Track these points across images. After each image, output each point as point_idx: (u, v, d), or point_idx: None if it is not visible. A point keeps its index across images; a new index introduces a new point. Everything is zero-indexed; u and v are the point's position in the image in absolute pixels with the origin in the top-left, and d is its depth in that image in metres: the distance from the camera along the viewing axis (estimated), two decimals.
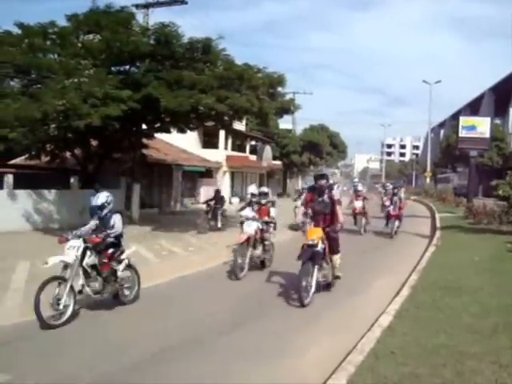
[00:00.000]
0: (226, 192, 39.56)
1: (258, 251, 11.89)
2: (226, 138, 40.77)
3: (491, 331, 6.72)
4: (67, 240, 8.15)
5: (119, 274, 8.58)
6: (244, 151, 46.25)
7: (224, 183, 40.21)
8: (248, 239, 11.39)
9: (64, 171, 22.01)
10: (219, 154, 39.25)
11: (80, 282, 7.95)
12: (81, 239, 8.18)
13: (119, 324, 7.81)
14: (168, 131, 22.49)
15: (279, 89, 21.70)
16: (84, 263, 8.01)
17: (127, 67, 19.56)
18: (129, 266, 8.98)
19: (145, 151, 23.25)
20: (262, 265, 12.11)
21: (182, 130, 22.37)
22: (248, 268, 11.39)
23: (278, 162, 54.68)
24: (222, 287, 10.50)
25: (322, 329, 7.55)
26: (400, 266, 12.58)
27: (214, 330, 7.35)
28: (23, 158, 23.53)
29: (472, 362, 5.64)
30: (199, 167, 34.50)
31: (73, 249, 7.95)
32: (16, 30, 18.26)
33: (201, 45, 18.63)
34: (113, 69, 19.00)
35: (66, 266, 7.84)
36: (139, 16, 22.86)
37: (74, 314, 7.80)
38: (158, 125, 21.41)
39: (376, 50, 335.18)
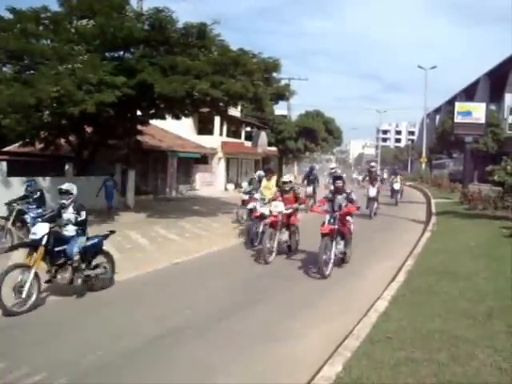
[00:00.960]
0: (221, 178, 39.58)
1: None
2: (221, 124, 40.63)
3: (486, 316, 6.74)
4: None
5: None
6: (239, 137, 46.12)
7: (219, 169, 40.17)
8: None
9: (58, 158, 21.93)
10: (214, 141, 39.13)
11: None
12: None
13: (117, 310, 7.80)
14: (163, 117, 22.41)
15: (274, 74, 21.57)
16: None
17: (121, 53, 19.44)
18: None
19: (139, 138, 23.18)
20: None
21: (176, 116, 22.29)
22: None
23: (274, 148, 54.55)
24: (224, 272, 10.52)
25: (316, 314, 7.57)
26: (396, 252, 12.61)
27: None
28: (17, 144, 23.42)
29: (467, 346, 5.67)
30: (194, 153, 34.41)
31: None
32: (8, 15, 18.13)
33: (195, 30, 18.50)
34: (107, 55, 18.89)
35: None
36: (133, 1, 22.58)
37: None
38: (152, 111, 21.34)
39: (372, 35, 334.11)
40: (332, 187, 17.84)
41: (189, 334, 6.66)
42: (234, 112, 39.19)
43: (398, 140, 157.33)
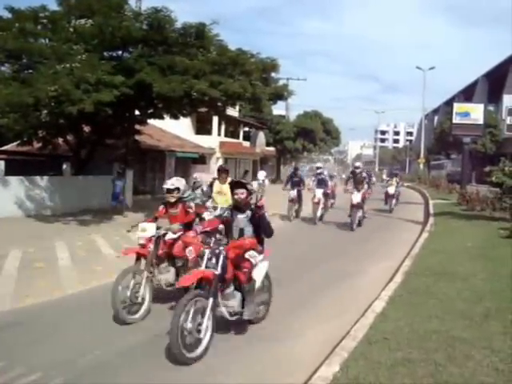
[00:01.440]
0: None
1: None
2: (220, 124, 40.68)
3: (483, 317, 6.75)
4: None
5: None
6: (237, 137, 46.17)
7: (217, 170, 40.15)
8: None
9: (56, 157, 21.92)
10: (212, 140, 39.17)
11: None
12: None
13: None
14: (161, 117, 22.38)
15: (273, 74, 21.57)
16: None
17: (120, 52, 19.39)
18: None
19: (138, 137, 23.14)
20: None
21: (174, 116, 22.26)
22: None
23: (272, 148, 54.64)
24: None
25: (315, 315, 7.57)
26: (393, 252, 12.63)
27: None
28: (15, 144, 23.41)
29: (464, 347, 5.67)
30: (192, 153, 34.41)
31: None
32: (6, 14, 18.05)
33: (194, 30, 18.47)
34: (105, 54, 18.82)
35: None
36: (132, 1, 22.55)
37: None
38: (150, 110, 21.30)
39: (370, 36, 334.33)
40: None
41: None
42: (232, 112, 39.28)
43: (396, 141, 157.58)
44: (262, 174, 27.21)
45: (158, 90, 16.84)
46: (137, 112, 21.37)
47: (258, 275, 6.56)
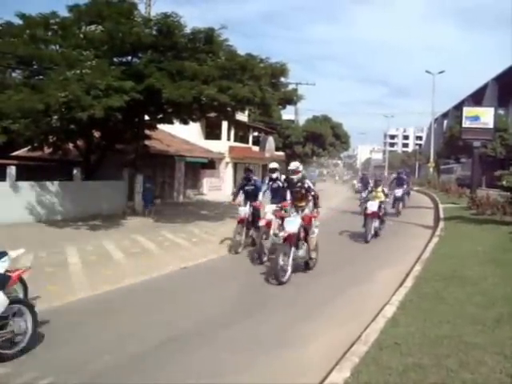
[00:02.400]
0: (228, 183, 39.58)
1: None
2: (229, 129, 40.71)
3: (495, 322, 6.70)
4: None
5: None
6: (247, 142, 46.17)
7: (227, 174, 40.20)
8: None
9: (66, 163, 22.03)
10: (222, 145, 39.20)
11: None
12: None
13: (126, 315, 7.81)
14: (170, 122, 22.46)
15: (282, 79, 21.60)
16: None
17: (129, 58, 19.50)
18: None
19: (147, 142, 23.26)
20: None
21: (184, 121, 22.36)
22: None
23: (281, 153, 54.57)
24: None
25: (325, 320, 7.56)
26: (404, 257, 12.58)
27: None
28: (26, 149, 23.57)
29: (476, 352, 5.62)
30: (202, 158, 34.45)
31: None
32: (17, 21, 18.25)
33: (203, 35, 18.56)
34: (115, 60, 18.95)
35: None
36: (141, 6, 22.74)
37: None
38: (160, 116, 21.40)
39: (379, 40, 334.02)
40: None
41: (196, 338, 6.67)
42: (242, 117, 39.28)
43: (406, 145, 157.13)
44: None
45: (168, 95, 16.92)
46: (146, 117, 21.47)
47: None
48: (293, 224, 10.01)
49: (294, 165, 11.04)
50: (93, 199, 20.67)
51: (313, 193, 10.81)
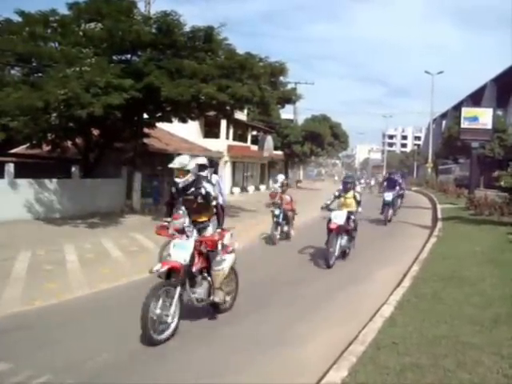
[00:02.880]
0: (227, 182, 39.57)
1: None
2: (228, 128, 40.68)
3: (493, 322, 6.71)
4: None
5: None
6: (245, 141, 46.16)
7: (225, 173, 40.20)
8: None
9: (65, 160, 22.00)
10: (220, 144, 39.16)
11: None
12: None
13: (124, 313, 7.81)
14: (169, 120, 22.47)
15: (281, 78, 21.64)
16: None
17: (129, 56, 19.52)
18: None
19: (146, 141, 23.24)
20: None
21: (183, 120, 22.36)
22: None
23: (280, 152, 54.56)
24: None
25: (323, 319, 7.56)
26: (402, 257, 12.59)
27: None
28: (24, 147, 23.53)
29: (473, 352, 5.64)
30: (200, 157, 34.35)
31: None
32: (17, 18, 18.25)
33: (202, 34, 18.59)
34: (114, 58, 18.95)
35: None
36: (141, 4, 22.74)
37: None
38: (159, 114, 21.42)
39: (378, 40, 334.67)
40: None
41: (194, 335, 6.67)
42: (241, 116, 39.26)
43: (404, 145, 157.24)
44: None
45: (167, 93, 16.94)
46: (145, 115, 21.46)
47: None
48: (182, 250, 6.75)
49: (177, 161, 7.31)
50: (91, 197, 20.64)
51: (214, 202, 7.27)
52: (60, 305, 8.12)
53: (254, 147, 46.86)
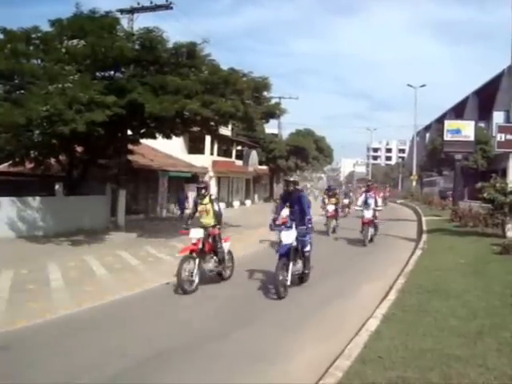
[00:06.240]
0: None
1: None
2: (212, 143, 40.77)
3: (478, 334, 6.71)
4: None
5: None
6: (230, 156, 46.27)
7: (210, 188, 40.12)
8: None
9: (48, 178, 21.85)
10: (205, 160, 39.24)
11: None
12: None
13: (108, 331, 7.71)
14: (153, 137, 22.41)
15: (265, 93, 21.72)
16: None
17: (112, 72, 19.47)
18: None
19: (130, 157, 23.15)
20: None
21: (167, 136, 22.32)
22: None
23: (265, 167, 54.74)
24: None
25: (308, 334, 7.52)
26: (387, 270, 12.60)
27: None
28: (6, 164, 23.34)
29: (459, 365, 5.62)
30: (185, 173, 34.40)
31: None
32: None
33: (185, 49, 18.60)
34: (97, 74, 18.90)
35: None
36: (124, 21, 22.75)
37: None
38: (143, 130, 21.35)
39: (361, 54, 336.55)
40: None
41: (179, 354, 6.60)
42: (225, 131, 39.40)
43: (389, 158, 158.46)
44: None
45: (151, 109, 16.90)
46: (129, 132, 21.40)
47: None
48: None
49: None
50: (75, 214, 20.49)
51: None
52: (43, 325, 7.97)
53: (239, 162, 46.98)
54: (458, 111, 71.12)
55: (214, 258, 10.98)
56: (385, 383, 5.17)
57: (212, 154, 41.18)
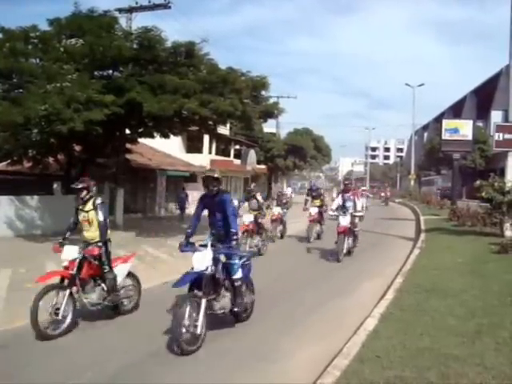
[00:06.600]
0: None
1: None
2: (210, 143, 40.77)
3: (476, 333, 6.72)
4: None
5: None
6: (228, 155, 46.26)
7: None
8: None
9: (47, 177, 21.83)
10: (203, 159, 39.21)
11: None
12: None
13: (107, 330, 7.70)
14: (151, 136, 22.41)
15: (263, 92, 21.74)
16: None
17: (110, 72, 19.47)
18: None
19: (128, 156, 23.15)
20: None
21: (165, 135, 22.30)
22: None
23: (263, 166, 54.69)
24: None
25: (306, 333, 7.53)
26: (385, 269, 12.61)
27: None
28: (5, 163, 23.31)
29: (457, 364, 5.63)
30: (183, 172, 34.38)
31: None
32: None
33: (184, 49, 18.61)
34: (96, 73, 18.91)
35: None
36: (122, 20, 22.73)
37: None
38: (141, 129, 21.34)
39: (360, 54, 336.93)
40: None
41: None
42: (223, 130, 39.34)
43: (387, 157, 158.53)
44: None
45: (149, 109, 16.90)
46: (127, 131, 21.38)
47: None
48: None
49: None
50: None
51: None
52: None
53: (237, 161, 46.95)
54: (456, 110, 71.17)
55: (102, 285, 8.02)
56: (383, 382, 5.16)
57: (210, 153, 41.19)
